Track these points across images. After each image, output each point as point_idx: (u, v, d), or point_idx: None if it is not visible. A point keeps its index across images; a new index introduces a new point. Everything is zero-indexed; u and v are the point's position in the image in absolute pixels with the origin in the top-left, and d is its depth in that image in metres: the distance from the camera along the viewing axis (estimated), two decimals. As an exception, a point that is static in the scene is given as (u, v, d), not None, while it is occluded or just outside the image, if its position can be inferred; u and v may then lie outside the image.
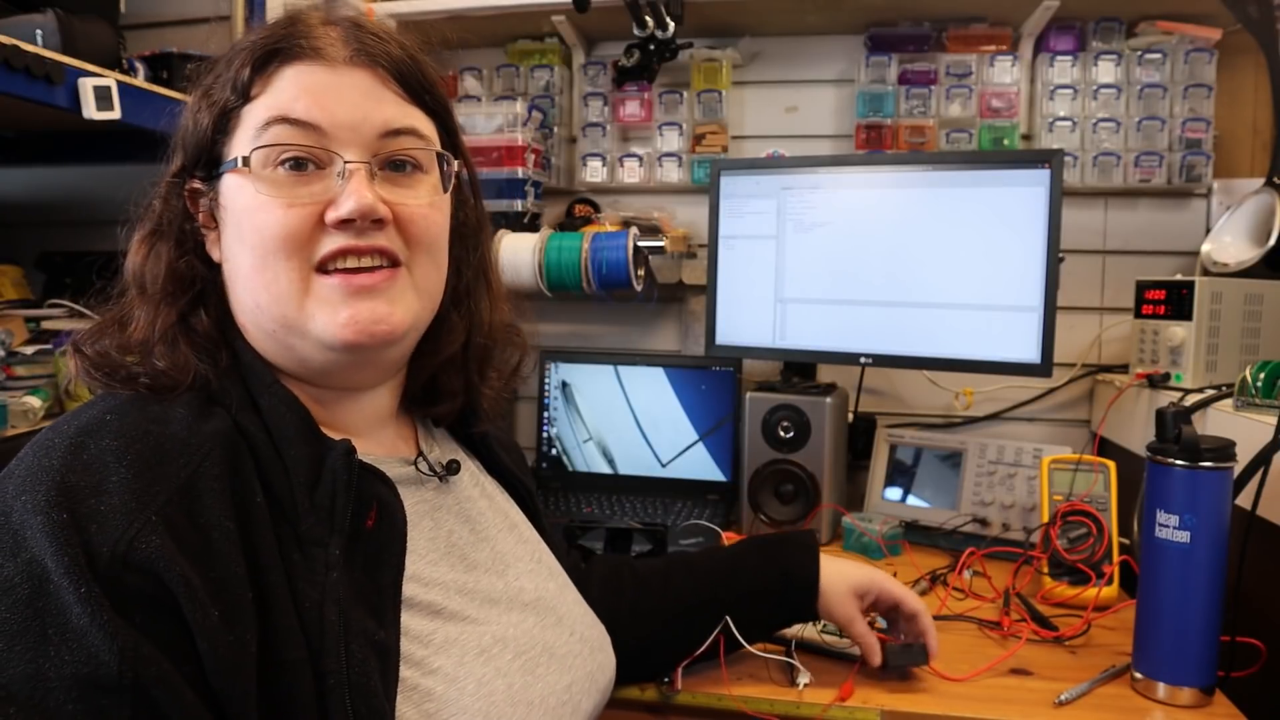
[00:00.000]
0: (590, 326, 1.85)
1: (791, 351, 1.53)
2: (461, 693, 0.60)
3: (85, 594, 0.46)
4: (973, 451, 1.49)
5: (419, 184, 0.66)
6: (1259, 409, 1.09)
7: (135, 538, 0.49)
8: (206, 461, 0.54)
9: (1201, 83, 1.56)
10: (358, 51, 0.64)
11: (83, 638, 0.46)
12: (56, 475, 0.50)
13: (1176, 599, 0.92)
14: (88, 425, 0.54)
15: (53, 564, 0.47)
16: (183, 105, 0.69)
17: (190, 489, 0.52)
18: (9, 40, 0.94)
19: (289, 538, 0.57)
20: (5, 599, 0.46)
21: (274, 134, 0.61)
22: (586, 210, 1.80)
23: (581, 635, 0.76)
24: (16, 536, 0.48)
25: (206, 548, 0.51)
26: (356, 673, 0.54)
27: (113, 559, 0.48)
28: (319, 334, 0.62)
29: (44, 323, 1.31)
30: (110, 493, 0.50)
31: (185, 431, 0.55)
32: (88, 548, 0.47)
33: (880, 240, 1.45)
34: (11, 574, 0.47)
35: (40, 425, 1.14)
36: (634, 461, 1.68)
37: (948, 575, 1.27)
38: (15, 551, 0.48)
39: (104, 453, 0.52)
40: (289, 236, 0.61)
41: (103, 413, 0.55)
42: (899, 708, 0.92)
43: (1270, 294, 1.35)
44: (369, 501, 0.61)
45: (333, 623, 0.55)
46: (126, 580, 0.48)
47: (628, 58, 1.65)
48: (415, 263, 0.65)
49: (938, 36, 1.68)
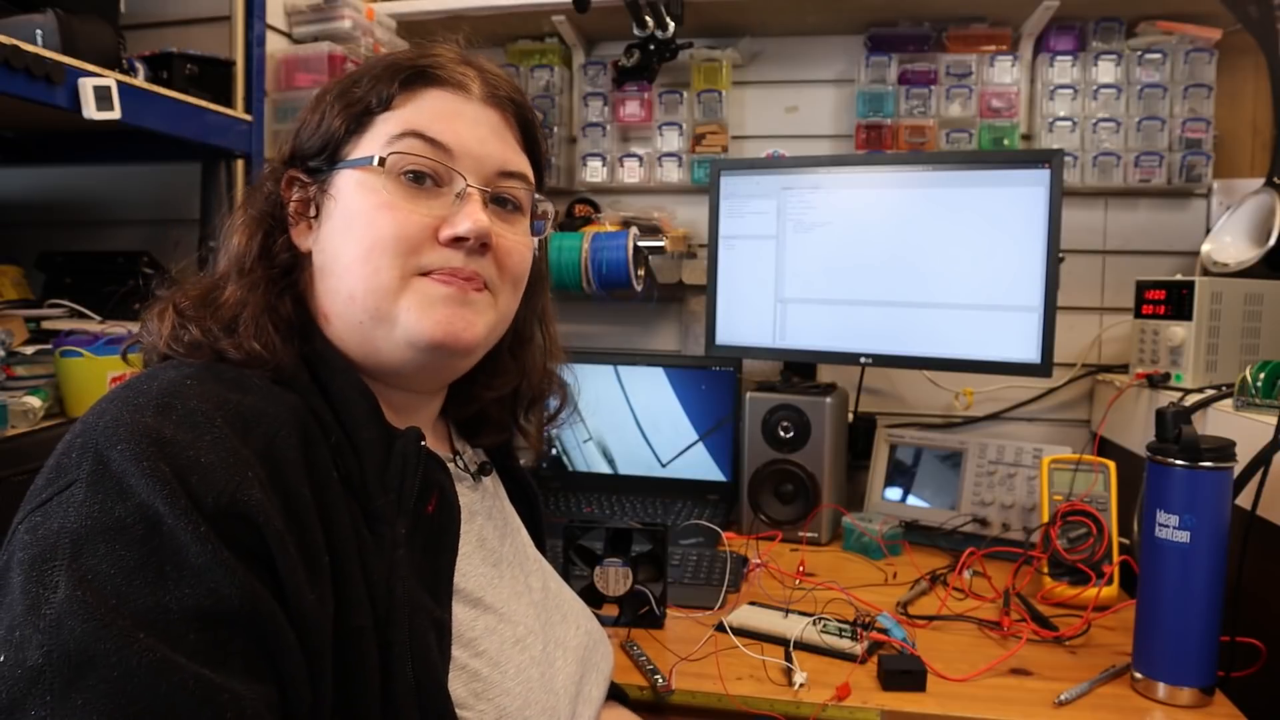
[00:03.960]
0: (590, 326, 1.85)
1: (791, 351, 1.53)
2: (504, 676, 0.65)
3: (202, 533, 0.48)
4: (973, 451, 1.49)
5: (517, 222, 0.71)
6: (1259, 409, 1.09)
7: (237, 490, 0.50)
8: (283, 430, 0.56)
9: (1201, 83, 1.56)
10: (492, 93, 0.70)
11: (201, 574, 0.47)
12: (151, 430, 0.50)
13: (1176, 599, 0.92)
14: (170, 387, 0.54)
15: (164, 507, 0.48)
16: (303, 102, 0.71)
17: (269, 456, 0.54)
18: (9, 40, 0.94)
19: (357, 514, 0.59)
20: (121, 538, 0.47)
21: (408, 144, 0.65)
22: (586, 210, 1.80)
23: (586, 629, 0.81)
24: (121, 482, 0.49)
25: (288, 512, 0.53)
26: (419, 644, 0.58)
27: (217, 508, 0.49)
28: (408, 328, 0.64)
29: (44, 323, 1.31)
30: (205, 449, 0.51)
31: (263, 401, 0.57)
32: (193, 495, 0.49)
33: (880, 240, 1.45)
34: (123, 515, 0.48)
35: (40, 425, 1.14)
36: (634, 461, 1.68)
37: (948, 575, 1.27)
38: (124, 495, 0.48)
39: (193, 413, 0.53)
40: (403, 239, 0.64)
41: (181, 378, 0.56)
42: (899, 707, 0.92)
43: (1270, 294, 1.35)
44: (431, 488, 0.65)
45: (399, 596, 0.58)
46: (231, 528, 0.49)
47: (628, 58, 1.65)
48: (501, 291, 0.70)
49: (938, 36, 1.68)
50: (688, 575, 1.24)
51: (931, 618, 1.14)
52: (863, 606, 1.13)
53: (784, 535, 1.45)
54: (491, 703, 0.63)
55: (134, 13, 1.37)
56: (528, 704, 0.66)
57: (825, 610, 1.12)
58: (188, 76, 1.28)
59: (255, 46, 1.43)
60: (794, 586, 1.23)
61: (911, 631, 1.07)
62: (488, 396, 0.79)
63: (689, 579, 1.23)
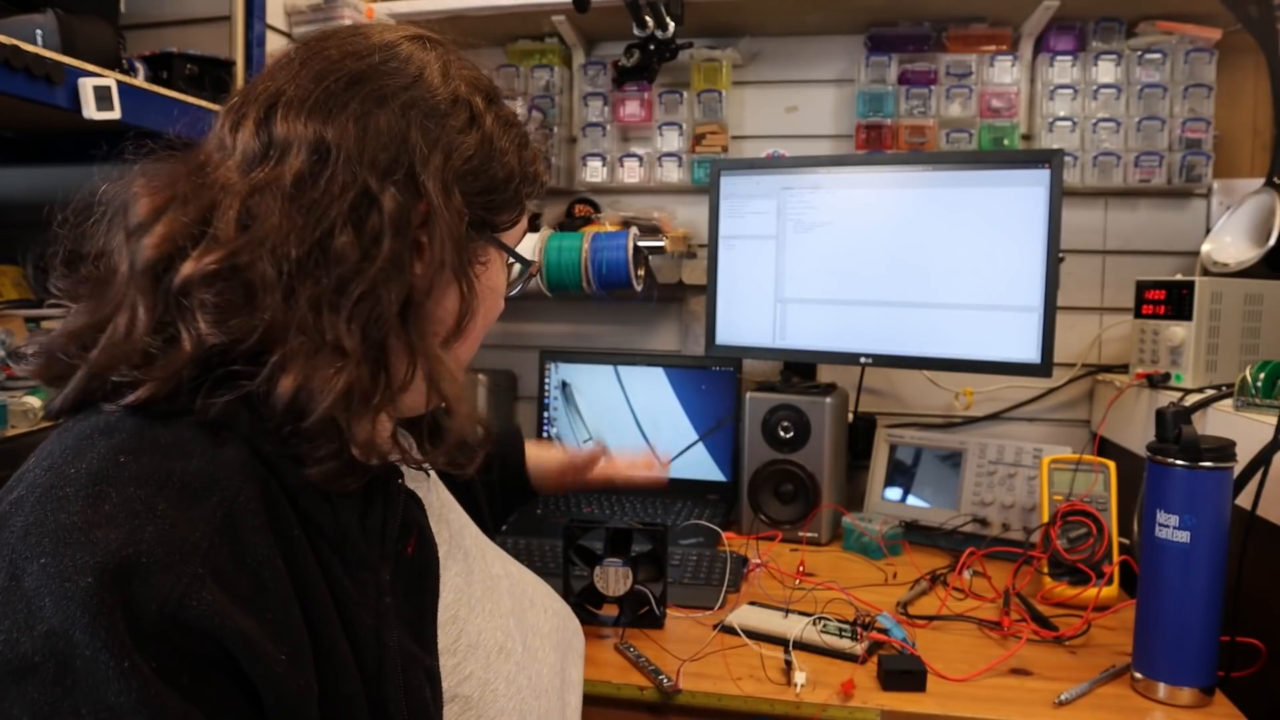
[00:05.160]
0: (590, 326, 1.85)
1: (791, 351, 1.53)
2: (496, 694, 0.63)
3: (125, 668, 0.41)
4: (973, 451, 1.49)
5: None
6: (1259, 409, 1.09)
7: (184, 595, 0.43)
8: (240, 496, 0.48)
9: (1201, 83, 1.56)
10: None
11: (123, 717, 0.41)
12: (80, 532, 0.43)
13: (1176, 599, 0.92)
14: (101, 472, 0.47)
15: (81, 635, 0.41)
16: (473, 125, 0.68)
17: (228, 528, 0.47)
18: (9, 40, 0.93)
19: (333, 565, 0.53)
20: (30, 678, 0.41)
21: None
22: (586, 210, 1.80)
23: (555, 610, 0.80)
24: (31, 605, 0.42)
25: (259, 589, 0.47)
26: (414, 698, 0.55)
27: (161, 620, 0.43)
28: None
29: (44, 323, 1.31)
30: (148, 545, 0.44)
31: (209, 465, 0.49)
32: (129, 612, 0.42)
33: (880, 240, 1.45)
34: (29, 651, 0.41)
35: (40, 425, 1.13)
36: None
37: (948, 575, 1.27)
38: (30, 624, 0.42)
39: (131, 502, 0.45)
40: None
41: (112, 453, 0.48)
42: (899, 707, 0.92)
43: (1270, 294, 1.35)
44: (411, 528, 0.62)
45: (391, 648, 0.54)
46: (175, 643, 0.43)
47: (628, 58, 1.65)
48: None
49: (938, 36, 1.68)
50: (688, 575, 1.24)
51: (931, 618, 1.14)
52: (863, 606, 1.13)
53: (784, 535, 1.45)
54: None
55: (134, 13, 1.37)
56: (524, 715, 0.64)
57: (825, 610, 1.12)
58: (188, 76, 1.28)
59: (255, 46, 1.43)
60: (794, 586, 1.23)
61: (911, 631, 1.07)
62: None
63: (689, 579, 1.23)
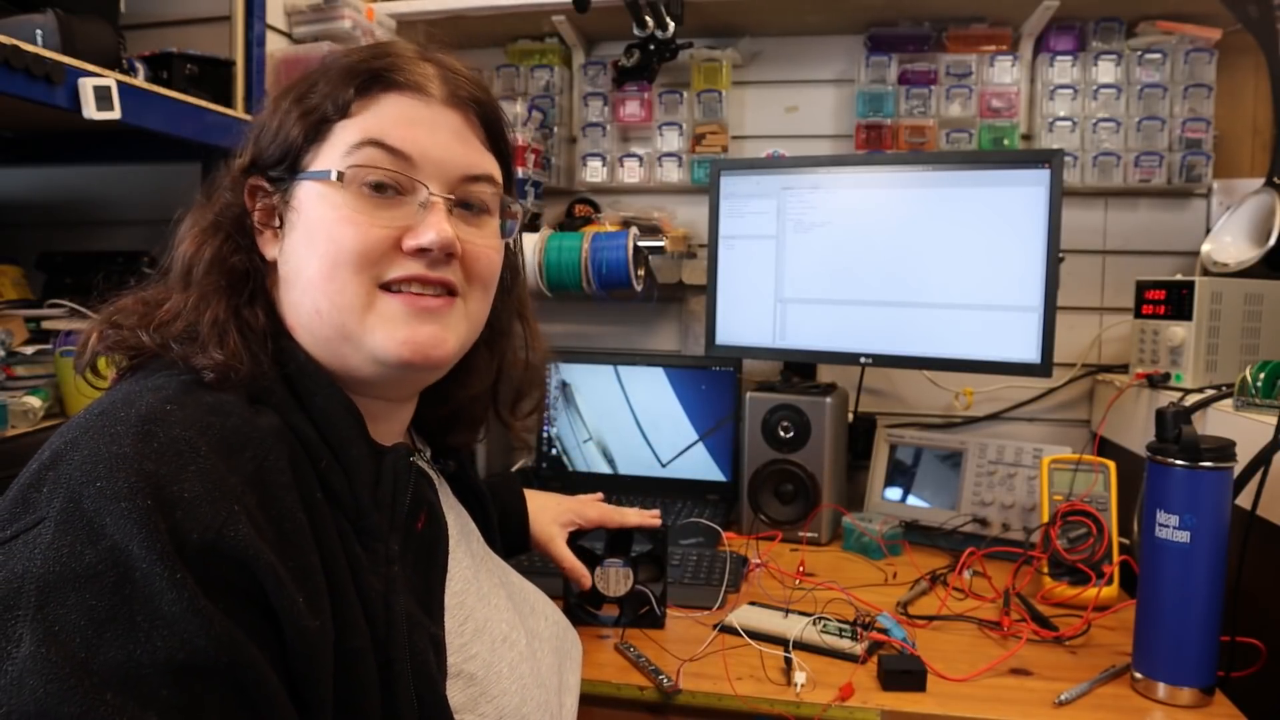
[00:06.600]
0: (590, 326, 1.85)
1: (791, 351, 1.53)
2: (499, 676, 0.66)
3: (178, 579, 0.45)
4: (973, 451, 1.49)
5: (485, 225, 0.70)
6: (1259, 409, 1.09)
7: (223, 526, 0.48)
8: (271, 454, 0.54)
9: (1201, 83, 1.56)
10: (453, 93, 0.67)
11: (175, 623, 0.45)
12: (132, 462, 0.48)
13: (1176, 599, 0.92)
14: (150, 414, 0.52)
15: (139, 549, 0.45)
16: (261, 105, 0.69)
17: (259, 480, 0.52)
18: (9, 40, 0.93)
19: (348, 533, 0.58)
20: (91, 586, 0.45)
21: (367, 155, 0.64)
22: (586, 210, 1.80)
23: (553, 619, 0.83)
24: (92, 524, 0.46)
25: (283, 538, 0.52)
26: (419, 660, 0.58)
27: (202, 547, 0.47)
28: (375, 348, 0.63)
29: (44, 323, 1.31)
30: (190, 482, 0.49)
31: (245, 424, 0.55)
32: (175, 534, 0.46)
33: (880, 240, 1.45)
34: (94, 561, 0.45)
35: (41, 425, 1.14)
36: (634, 461, 1.68)
37: (948, 575, 1.27)
38: (95, 539, 0.46)
39: (176, 442, 0.50)
40: (365, 253, 0.63)
41: (161, 401, 0.53)
42: (899, 707, 0.92)
43: (1270, 294, 1.35)
44: (421, 505, 0.65)
45: (398, 613, 0.58)
46: (214, 568, 0.47)
47: (628, 58, 1.65)
48: (471, 296, 0.68)
49: (938, 36, 1.68)
50: (688, 575, 1.24)
51: (931, 618, 1.14)
52: (863, 606, 1.13)
53: (784, 535, 1.45)
54: (492, 703, 0.63)
55: (134, 13, 1.37)
56: (524, 701, 0.66)
57: (825, 610, 1.12)
58: (188, 76, 1.28)
59: (255, 46, 1.43)
60: (794, 586, 1.23)
61: (911, 631, 1.07)
62: (463, 395, 0.78)
63: (689, 579, 1.23)
